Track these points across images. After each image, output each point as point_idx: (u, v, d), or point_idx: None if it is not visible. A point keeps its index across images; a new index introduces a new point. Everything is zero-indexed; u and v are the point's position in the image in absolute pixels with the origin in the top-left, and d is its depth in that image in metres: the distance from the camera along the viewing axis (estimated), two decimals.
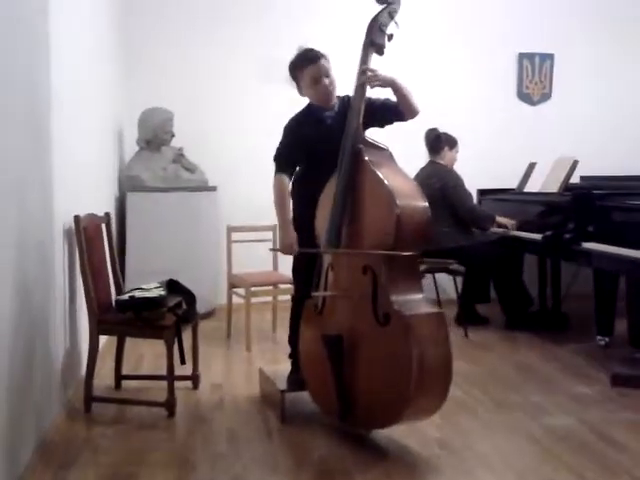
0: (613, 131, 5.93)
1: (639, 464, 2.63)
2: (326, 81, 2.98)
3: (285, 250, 3.10)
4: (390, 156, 2.84)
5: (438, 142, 4.88)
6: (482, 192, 5.46)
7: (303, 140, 3.05)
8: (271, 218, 4.10)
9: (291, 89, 3.13)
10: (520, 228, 4.74)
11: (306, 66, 2.98)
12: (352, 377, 2.71)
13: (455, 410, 3.17)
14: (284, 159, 3.10)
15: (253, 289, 4.36)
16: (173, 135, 5.05)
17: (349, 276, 2.76)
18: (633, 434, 2.91)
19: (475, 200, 5.24)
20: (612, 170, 5.46)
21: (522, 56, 5.95)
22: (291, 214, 3.09)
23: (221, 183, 5.25)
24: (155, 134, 4.95)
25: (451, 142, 4.93)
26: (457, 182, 4.80)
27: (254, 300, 4.40)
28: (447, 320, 4.61)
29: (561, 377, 3.73)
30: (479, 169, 5.35)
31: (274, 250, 3.13)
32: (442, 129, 4.92)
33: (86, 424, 3.05)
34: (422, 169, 4.91)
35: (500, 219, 4.80)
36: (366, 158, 2.74)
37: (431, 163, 4.91)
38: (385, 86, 2.86)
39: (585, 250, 3.98)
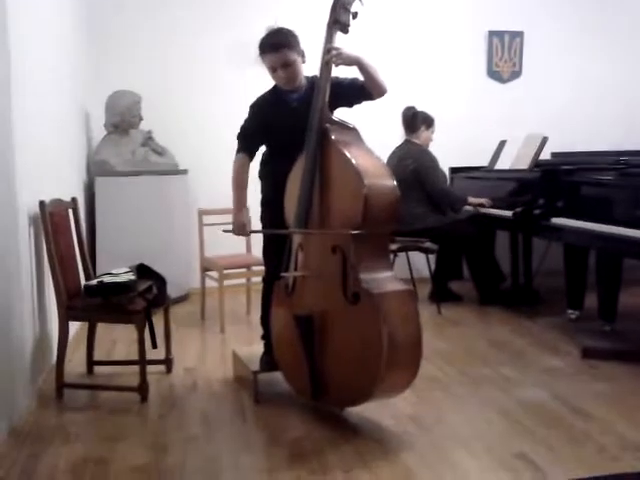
0: (582, 108, 5.98)
1: (605, 431, 2.69)
2: (281, 72, 2.92)
3: (237, 231, 3.10)
4: (358, 135, 2.81)
5: (415, 121, 4.86)
6: (453, 170, 5.49)
7: (265, 120, 3.03)
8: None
9: (260, 70, 3.08)
10: (492, 205, 4.77)
11: (265, 54, 2.93)
12: (323, 356, 2.72)
13: (428, 386, 3.20)
14: (245, 138, 3.08)
15: (226, 272, 4.34)
16: (141, 118, 4.99)
17: (318, 256, 2.76)
18: (601, 404, 2.97)
19: (447, 178, 5.26)
20: (582, 146, 5.51)
21: (492, 34, 5.95)
22: (245, 195, 3.08)
23: (191, 166, 5.21)
24: (123, 117, 4.88)
25: (428, 121, 4.92)
26: (431, 164, 4.79)
27: (227, 283, 4.38)
28: (420, 298, 4.73)
29: (533, 351, 3.79)
30: (450, 147, 5.37)
31: (226, 231, 3.11)
32: (413, 107, 4.91)
33: (58, 411, 3.03)
34: (397, 148, 4.90)
35: (472, 199, 4.81)
36: (333, 137, 2.72)
37: (406, 142, 4.90)
38: (350, 64, 2.83)
39: (554, 225, 4.02)
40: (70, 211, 3.52)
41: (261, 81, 3.10)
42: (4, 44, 2.83)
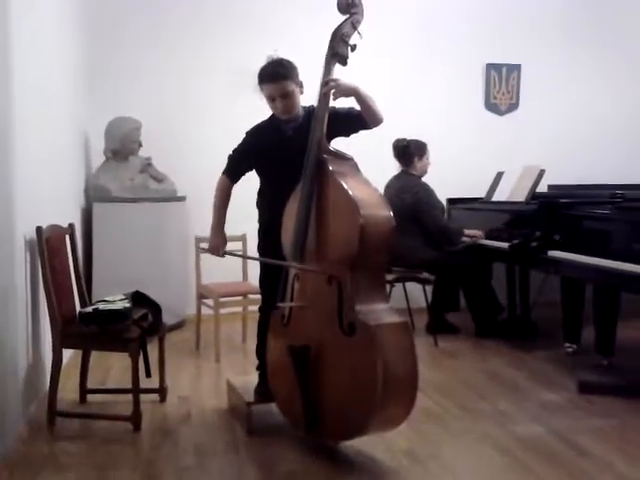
0: (579, 140, 6.03)
1: (604, 470, 2.65)
2: (279, 102, 2.96)
3: (212, 251, 3.14)
4: (354, 166, 2.83)
5: (407, 153, 4.86)
6: (451, 201, 5.51)
7: (258, 149, 3.05)
8: (240, 228, 4.10)
9: (260, 99, 3.11)
10: (488, 237, 4.78)
11: (263, 84, 2.97)
12: (318, 388, 2.70)
13: (423, 419, 3.17)
14: (232, 162, 3.13)
15: (222, 300, 4.32)
16: (141, 145, 5.01)
17: (315, 286, 2.75)
18: (599, 441, 2.94)
19: (445, 210, 5.26)
20: (579, 179, 5.54)
21: (489, 66, 6.02)
22: (224, 217, 3.14)
23: (189, 193, 5.21)
24: (122, 144, 4.90)
25: (420, 150, 4.90)
26: (428, 199, 4.77)
27: (223, 311, 4.36)
28: (417, 329, 4.71)
29: (529, 385, 3.76)
30: (448, 178, 5.38)
31: (203, 250, 3.16)
32: (411, 138, 4.93)
33: (49, 439, 2.99)
34: (395, 178, 4.90)
35: (468, 232, 4.82)
36: (330, 168, 2.73)
37: (403, 173, 4.89)
38: (348, 95, 2.85)
39: (551, 258, 4.02)
40: (67, 237, 3.51)
41: (260, 109, 3.12)
42: (5, 70, 2.85)
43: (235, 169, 3.12)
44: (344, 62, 2.88)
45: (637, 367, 4.01)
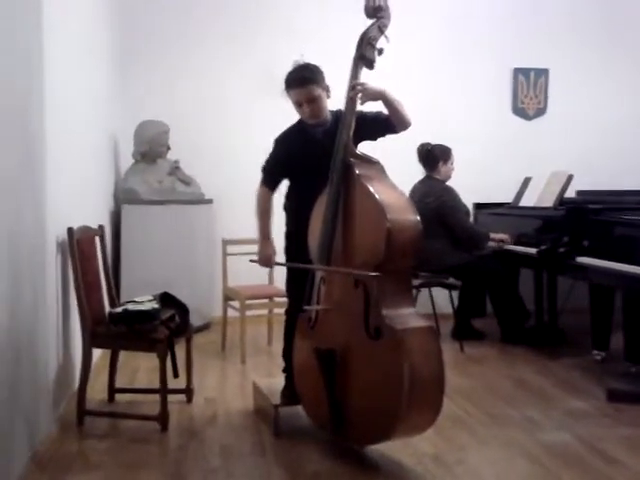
0: (608, 146, 5.96)
1: (631, 477, 2.62)
2: (306, 107, 2.97)
3: (262, 262, 3.19)
4: (381, 170, 2.83)
5: (431, 158, 4.84)
6: (478, 206, 5.48)
7: (289, 155, 3.07)
8: None
9: (286, 102, 3.13)
10: (516, 242, 4.74)
11: (290, 89, 2.99)
12: (344, 391, 2.70)
13: (449, 425, 3.16)
14: (267, 172, 3.15)
15: (248, 302, 4.35)
16: (169, 148, 5.07)
17: (341, 290, 2.76)
18: (628, 449, 2.90)
19: (471, 214, 5.24)
20: (608, 185, 5.47)
21: (517, 71, 5.98)
22: (271, 226, 3.16)
23: (217, 196, 5.26)
24: (151, 147, 4.97)
25: (445, 155, 4.88)
26: (453, 203, 4.76)
27: (249, 313, 4.39)
28: (443, 335, 4.69)
29: (557, 392, 3.72)
30: (475, 183, 5.36)
31: (253, 261, 3.18)
32: (438, 142, 4.91)
33: (78, 438, 3.03)
34: (419, 183, 4.89)
35: (494, 235, 4.79)
36: (357, 172, 2.74)
37: (427, 178, 4.89)
38: (375, 100, 2.86)
39: (579, 264, 3.97)
40: (97, 238, 3.57)
41: (288, 113, 3.15)
42: (39, 75, 2.91)
43: (272, 179, 3.15)
44: (371, 66, 2.89)
45: None
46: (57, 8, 3.22)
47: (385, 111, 2.96)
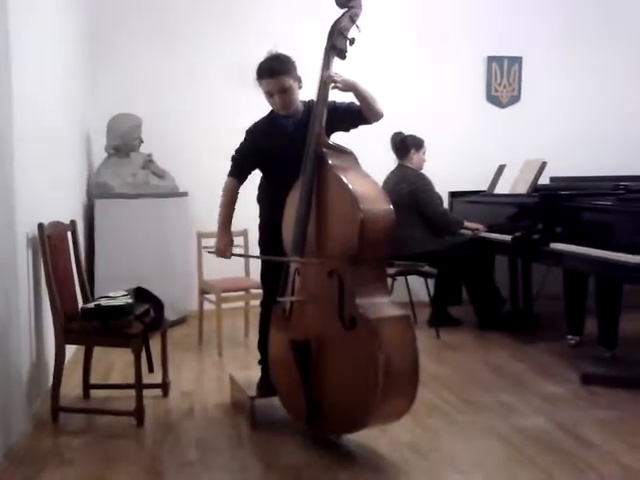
0: (581, 132, 6.00)
1: (608, 461, 2.65)
2: (277, 98, 2.95)
3: (219, 252, 3.16)
4: (354, 160, 2.83)
5: (403, 146, 4.88)
6: (453, 194, 5.50)
7: (260, 145, 3.05)
8: (241, 224, 4.10)
9: (260, 94, 3.11)
10: (491, 229, 4.78)
11: (262, 79, 2.96)
12: (320, 382, 2.70)
13: (426, 412, 3.18)
14: (236, 163, 3.13)
15: (224, 295, 4.33)
16: (142, 141, 5.02)
17: (315, 281, 2.75)
18: (602, 432, 2.94)
19: (446, 202, 5.27)
20: (580, 171, 5.52)
21: (491, 59, 6.00)
22: (231, 218, 3.16)
23: (191, 189, 5.22)
24: (123, 140, 4.91)
25: (417, 144, 4.92)
26: (427, 187, 4.80)
27: (225, 306, 4.37)
28: (420, 322, 4.72)
29: (532, 377, 3.76)
30: (450, 172, 5.38)
31: (210, 252, 3.17)
32: (412, 132, 4.92)
33: (53, 435, 3.01)
34: (392, 173, 4.92)
35: (469, 224, 4.82)
36: (330, 162, 2.73)
37: (400, 167, 4.92)
38: (346, 90, 2.85)
39: (553, 251, 4.01)
40: (69, 234, 3.52)
41: (261, 103, 3.12)
42: (6, 65, 2.86)
43: (240, 170, 3.12)
44: (343, 56, 2.88)
45: None
46: (25, 0, 3.16)
47: (357, 102, 2.95)
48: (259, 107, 3.14)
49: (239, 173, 3.12)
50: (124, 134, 4.92)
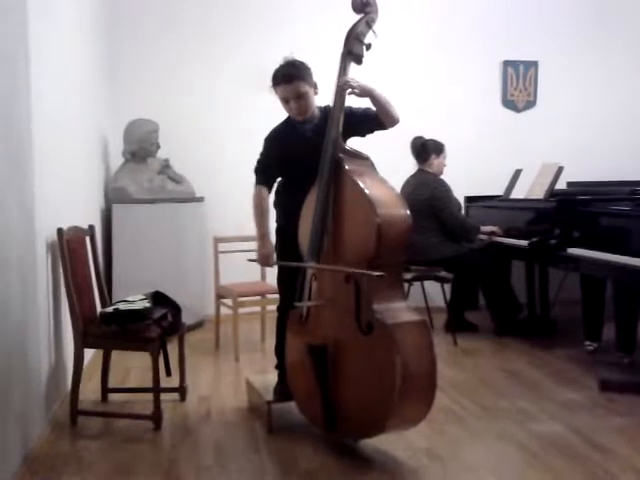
0: (597, 137, 5.98)
1: (626, 469, 2.63)
2: (293, 104, 2.97)
3: (262, 261, 3.17)
4: (371, 165, 2.84)
5: (424, 150, 4.87)
6: (469, 199, 5.48)
7: (279, 153, 3.07)
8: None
9: (276, 98, 3.12)
10: (507, 234, 4.75)
11: (277, 85, 2.98)
12: (337, 387, 2.71)
13: (443, 418, 3.17)
14: (261, 171, 3.15)
15: (240, 299, 4.35)
16: (159, 146, 5.06)
17: (332, 285, 2.76)
18: (621, 439, 2.91)
19: (462, 207, 5.25)
20: (597, 176, 5.49)
21: (506, 64, 5.98)
22: (269, 225, 3.15)
23: (208, 194, 5.25)
24: (140, 146, 4.95)
25: (438, 149, 4.92)
26: (445, 193, 4.79)
27: (242, 310, 4.39)
28: (436, 327, 4.70)
29: (550, 383, 3.74)
30: (465, 176, 5.37)
31: (251, 260, 3.18)
32: (428, 136, 4.92)
33: (71, 438, 3.03)
34: (411, 177, 4.91)
35: (485, 228, 4.81)
36: (346, 167, 2.74)
37: (420, 172, 4.91)
38: (363, 96, 2.86)
39: (571, 256, 3.99)
40: (87, 238, 3.55)
41: (277, 109, 3.13)
42: (25, 73, 2.89)
43: (266, 178, 3.14)
44: (359, 61, 2.89)
45: None
46: (44, 5, 3.20)
47: (373, 108, 2.96)
48: (276, 112, 3.16)
49: (266, 180, 3.14)
50: (141, 139, 4.96)
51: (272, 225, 3.25)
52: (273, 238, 3.24)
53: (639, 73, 6.14)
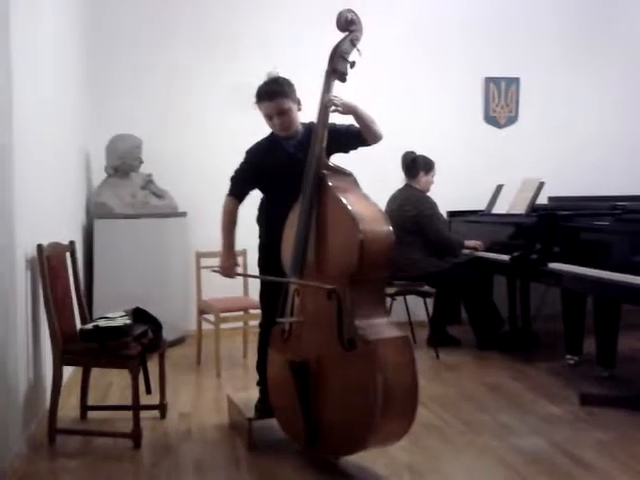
0: (578, 153, 6.04)
1: None
2: (276, 120, 2.98)
3: (224, 272, 3.18)
4: (354, 181, 2.85)
5: (413, 166, 4.89)
6: (451, 214, 5.52)
7: (260, 166, 3.07)
8: (240, 244, 4.11)
9: (260, 114, 3.13)
10: (489, 249, 4.79)
11: (261, 102, 3.00)
12: (318, 403, 2.69)
13: (425, 433, 3.17)
14: (236, 182, 3.15)
15: (222, 315, 4.33)
16: (141, 161, 5.04)
17: (314, 302, 2.75)
18: (601, 453, 2.93)
19: (447, 224, 5.27)
20: (578, 191, 5.55)
21: (488, 80, 6.05)
22: (234, 238, 3.18)
23: (190, 209, 5.24)
24: (123, 161, 4.94)
25: (427, 166, 4.94)
26: (431, 211, 4.80)
27: (224, 326, 4.37)
28: (418, 342, 4.71)
29: (531, 397, 3.75)
30: (447, 191, 5.39)
31: (215, 271, 3.19)
32: (412, 152, 4.94)
33: (50, 457, 2.99)
34: (398, 192, 4.93)
35: (468, 242, 4.84)
36: (329, 184, 2.75)
37: (407, 187, 4.93)
38: (347, 113, 2.87)
39: (552, 270, 4.01)
40: (68, 254, 3.52)
41: (261, 125, 3.14)
42: (7, 88, 2.87)
43: (239, 189, 3.14)
44: (343, 79, 2.91)
45: (639, 378, 3.99)
46: (25, 20, 3.19)
47: (356, 124, 2.98)
48: (259, 128, 3.16)
49: (238, 192, 3.13)
50: (124, 154, 4.94)
51: (251, 239, 3.26)
52: (254, 252, 3.23)
53: (620, 89, 6.23)
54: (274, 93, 2.95)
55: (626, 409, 3.45)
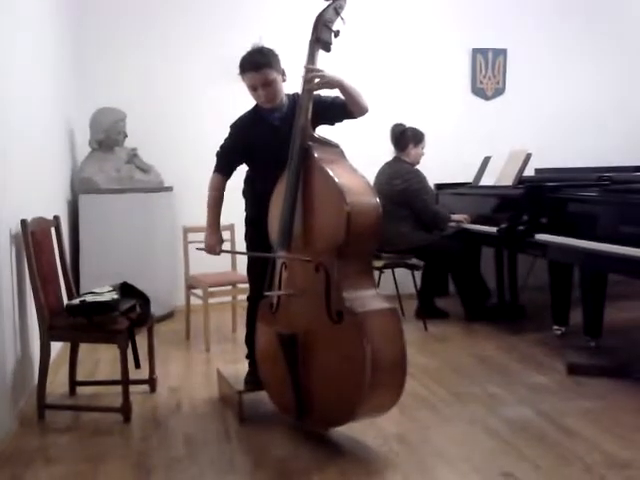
0: (566, 124, 6.05)
1: (592, 451, 2.67)
2: (261, 91, 2.93)
3: (208, 250, 3.14)
4: (341, 153, 2.82)
5: (403, 139, 4.85)
6: (439, 186, 5.51)
7: (246, 140, 3.03)
8: (228, 218, 4.09)
9: (245, 87, 3.08)
10: (477, 221, 4.79)
11: (245, 73, 2.94)
12: (307, 375, 2.70)
13: (414, 404, 3.19)
14: (222, 157, 3.11)
15: (211, 289, 4.32)
16: (126, 135, 4.98)
17: (302, 275, 2.74)
18: (587, 422, 2.96)
19: (434, 197, 5.26)
20: (565, 162, 5.55)
21: (475, 51, 6.01)
22: (219, 215, 3.13)
23: (177, 183, 5.20)
24: (107, 135, 4.87)
25: (417, 138, 4.90)
26: (420, 185, 4.78)
27: (213, 301, 4.36)
28: (407, 314, 4.73)
29: (519, 367, 3.78)
30: (435, 163, 5.38)
31: (199, 249, 3.16)
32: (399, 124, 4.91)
33: (39, 432, 2.98)
34: (387, 165, 4.91)
35: (454, 216, 4.84)
36: (315, 155, 2.72)
37: (396, 160, 4.90)
38: (332, 88, 2.83)
39: (538, 242, 4.03)
40: (52, 229, 3.49)
41: (246, 98, 3.10)
42: None
43: (226, 165, 3.09)
44: (328, 48, 2.86)
45: (625, 348, 4.04)
46: None
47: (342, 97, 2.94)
48: (244, 100, 3.12)
49: (224, 168, 3.09)
50: (108, 128, 4.88)
51: (238, 214, 3.23)
52: (242, 226, 3.21)
53: (605, 61, 6.21)
54: (258, 64, 2.90)
55: (612, 378, 3.49)
